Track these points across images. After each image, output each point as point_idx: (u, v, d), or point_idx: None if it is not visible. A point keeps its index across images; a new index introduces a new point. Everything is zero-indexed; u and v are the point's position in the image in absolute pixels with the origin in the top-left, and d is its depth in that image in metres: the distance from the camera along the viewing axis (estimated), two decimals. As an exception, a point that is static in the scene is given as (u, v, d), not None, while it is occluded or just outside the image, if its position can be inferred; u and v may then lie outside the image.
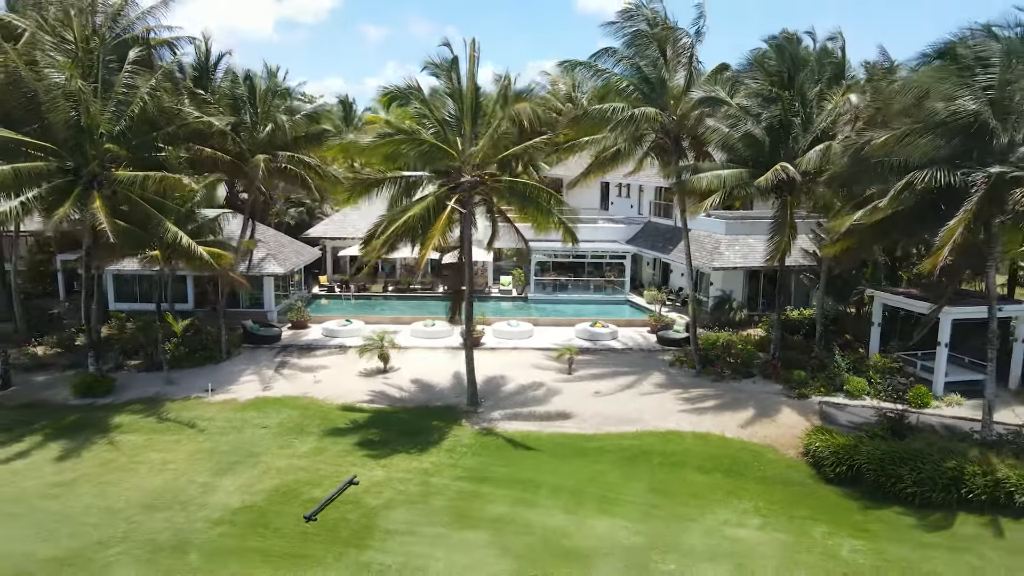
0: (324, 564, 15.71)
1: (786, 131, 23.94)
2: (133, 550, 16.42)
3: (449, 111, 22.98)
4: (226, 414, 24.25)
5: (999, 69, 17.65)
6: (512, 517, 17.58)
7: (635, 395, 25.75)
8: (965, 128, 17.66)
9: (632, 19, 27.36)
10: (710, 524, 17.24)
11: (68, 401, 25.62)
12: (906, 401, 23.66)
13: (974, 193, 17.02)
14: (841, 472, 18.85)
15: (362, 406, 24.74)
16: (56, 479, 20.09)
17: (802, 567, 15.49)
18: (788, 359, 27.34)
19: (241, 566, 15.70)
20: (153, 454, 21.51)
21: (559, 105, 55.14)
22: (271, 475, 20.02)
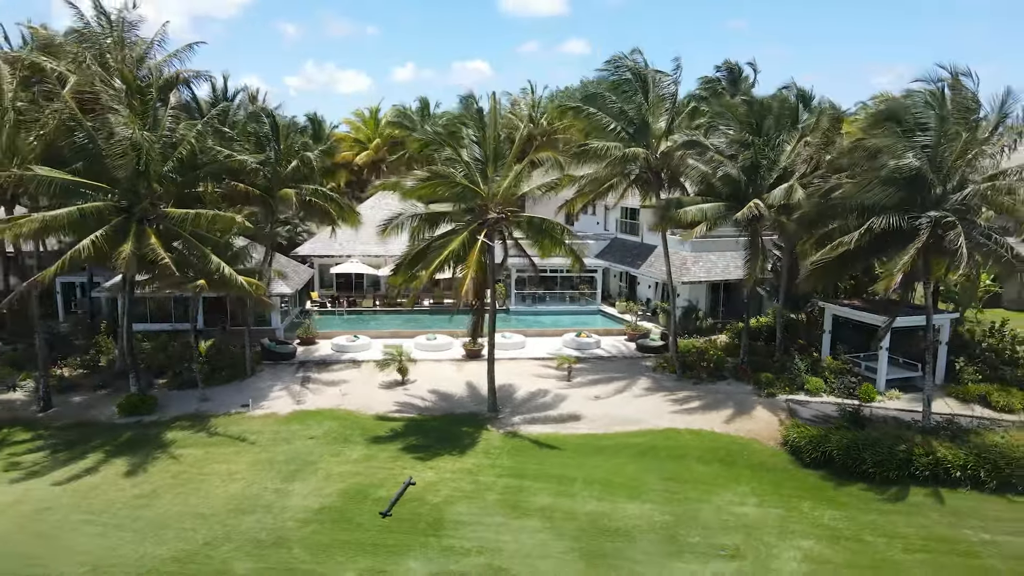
0: (414, 550, 18.79)
1: (756, 171, 28.20)
2: (241, 548, 19.08)
3: (475, 155, 26.17)
4: (271, 427, 26.78)
5: (934, 133, 22.21)
6: (556, 506, 21.05)
7: (630, 398, 29.61)
8: (909, 180, 22.16)
9: (618, 68, 31.30)
10: (718, 504, 21.16)
11: (115, 420, 27.56)
12: (856, 397, 28.29)
13: (921, 233, 21.50)
14: (816, 458, 23.11)
15: (394, 416, 27.69)
16: (137, 491, 22.35)
17: (796, 534, 19.55)
18: (754, 363, 31.74)
19: (344, 556, 18.62)
20: (217, 465, 23.94)
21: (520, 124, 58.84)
22: (334, 480, 22.83)
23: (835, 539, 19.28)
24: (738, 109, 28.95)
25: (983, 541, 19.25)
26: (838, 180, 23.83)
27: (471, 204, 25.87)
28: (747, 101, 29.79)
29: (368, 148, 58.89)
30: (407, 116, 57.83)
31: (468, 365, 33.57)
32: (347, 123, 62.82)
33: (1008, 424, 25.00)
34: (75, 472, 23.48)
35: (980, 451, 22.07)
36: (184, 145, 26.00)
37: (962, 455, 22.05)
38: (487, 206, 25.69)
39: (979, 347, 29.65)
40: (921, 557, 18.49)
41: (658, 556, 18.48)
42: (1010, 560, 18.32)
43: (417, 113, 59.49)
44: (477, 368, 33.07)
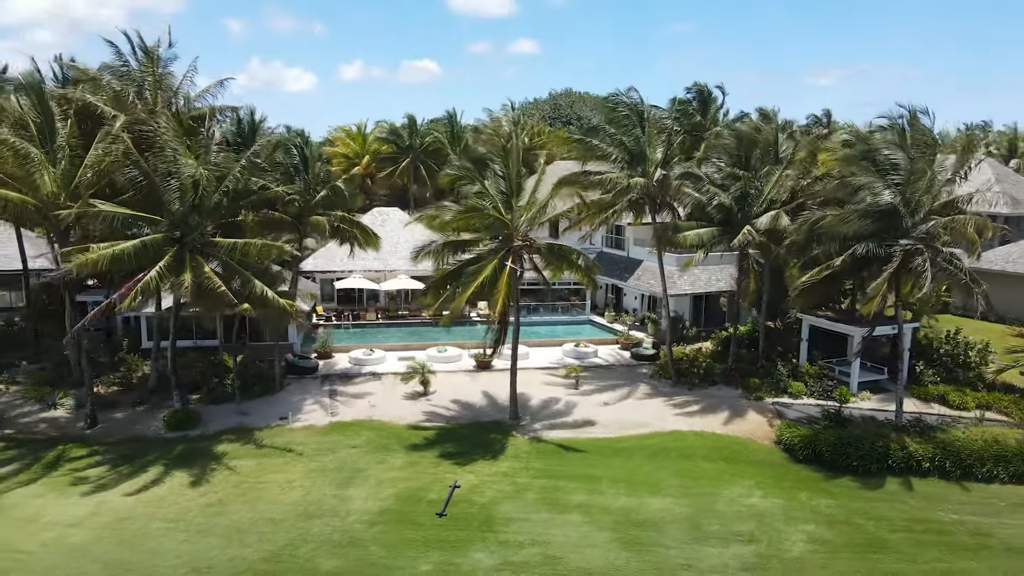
0: (475, 544, 21.51)
1: (745, 199, 31.63)
2: (320, 548, 21.50)
3: (500, 188, 28.91)
4: (314, 438, 29.07)
5: (904, 172, 25.88)
6: (590, 503, 24.00)
7: (634, 403, 32.77)
8: (884, 213, 25.79)
9: (617, 104, 34.51)
10: (729, 497, 24.40)
11: (162, 434, 29.46)
12: (834, 398, 31.96)
13: (894, 260, 25.12)
14: (807, 454, 26.57)
15: (425, 425, 30.25)
16: (205, 500, 24.48)
17: (799, 519, 22.91)
18: (740, 369, 35.25)
19: (414, 552, 21.21)
20: (273, 475, 26.19)
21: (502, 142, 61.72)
22: (386, 485, 25.33)
23: (832, 523, 22.70)
24: (729, 144, 32.31)
25: (952, 521, 22.91)
26: (822, 212, 27.36)
27: (498, 233, 28.63)
28: (736, 135, 33.12)
29: (358, 164, 60.90)
30: (396, 133, 60.10)
31: (481, 376, 36.28)
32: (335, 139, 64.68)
33: (967, 420, 28.94)
34: (142, 484, 25.45)
35: (945, 445, 25.84)
36: (230, 179, 28.12)
37: (930, 449, 25.77)
38: (512, 235, 28.50)
39: (937, 352, 33.67)
40: (904, 536, 22.01)
41: (686, 543, 21.59)
42: (976, 536, 21.98)
43: (405, 129, 61.78)
44: (489, 378, 35.88)
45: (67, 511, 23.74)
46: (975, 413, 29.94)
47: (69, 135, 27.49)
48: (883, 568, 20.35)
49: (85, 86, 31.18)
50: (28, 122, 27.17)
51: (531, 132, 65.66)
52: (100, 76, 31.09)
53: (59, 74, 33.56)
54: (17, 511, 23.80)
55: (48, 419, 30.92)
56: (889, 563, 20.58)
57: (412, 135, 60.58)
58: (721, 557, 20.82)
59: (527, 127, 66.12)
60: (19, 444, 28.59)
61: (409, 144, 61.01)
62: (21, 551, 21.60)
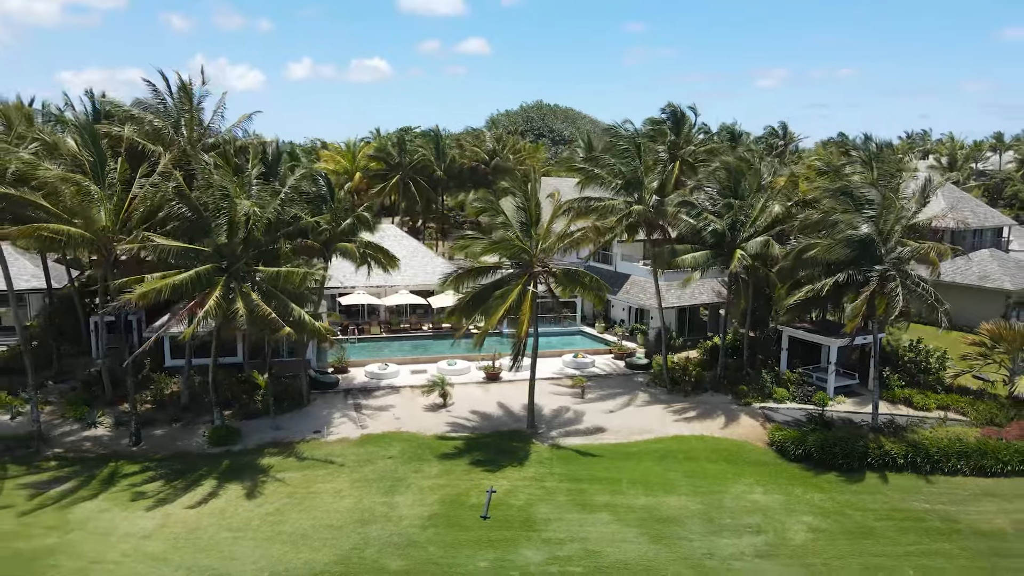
0: (522, 543, 24.32)
1: (735, 225, 35.13)
2: (383, 550, 24.06)
3: (520, 219, 31.77)
4: (350, 450, 31.47)
5: (878, 207, 29.64)
6: (615, 502, 27.05)
7: (636, 410, 35.99)
8: (861, 243, 29.50)
9: (616, 137, 37.74)
10: (734, 493, 27.75)
11: (206, 450, 31.48)
12: (813, 402, 35.70)
13: (871, 284, 28.83)
14: (798, 454, 30.11)
15: (451, 436, 32.90)
16: (264, 510, 26.75)
17: (798, 512, 26.36)
18: (727, 376, 38.80)
19: (470, 551, 23.91)
20: (321, 485, 28.55)
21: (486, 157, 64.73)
22: (427, 492, 27.95)
23: (826, 514, 26.21)
24: (721, 175, 35.77)
25: (925, 509, 26.66)
26: (808, 241, 30.98)
27: (519, 259, 31.50)
28: (727, 168, 36.52)
29: (352, 180, 62.99)
30: (387, 151, 62.40)
31: (492, 387, 39.08)
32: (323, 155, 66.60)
33: (932, 420, 32.94)
34: (200, 497, 27.56)
35: (915, 444, 29.68)
36: (270, 211, 30.35)
37: (903, 447, 29.57)
38: (532, 261, 31.41)
39: (901, 360, 37.74)
40: (887, 523, 25.64)
41: (705, 535, 24.83)
42: (947, 522, 25.74)
43: (395, 147, 64.07)
44: (500, 389, 38.74)
45: (136, 524, 25.76)
46: (937, 414, 33.99)
47: (120, 172, 29.35)
48: (873, 551, 23.89)
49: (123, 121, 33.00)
50: (83, 160, 28.93)
51: (512, 148, 68.58)
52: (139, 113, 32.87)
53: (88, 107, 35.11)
54: (90, 525, 25.72)
55: (91, 437, 32.62)
56: (878, 547, 24.13)
57: (402, 153, 62.87)
58: (737, 546, 24.10)
59: (509, 143, 68.97)
60: (71, 462, 30.32)
61: (399, 162, 63.32)
62: (107, 561, 23.62)
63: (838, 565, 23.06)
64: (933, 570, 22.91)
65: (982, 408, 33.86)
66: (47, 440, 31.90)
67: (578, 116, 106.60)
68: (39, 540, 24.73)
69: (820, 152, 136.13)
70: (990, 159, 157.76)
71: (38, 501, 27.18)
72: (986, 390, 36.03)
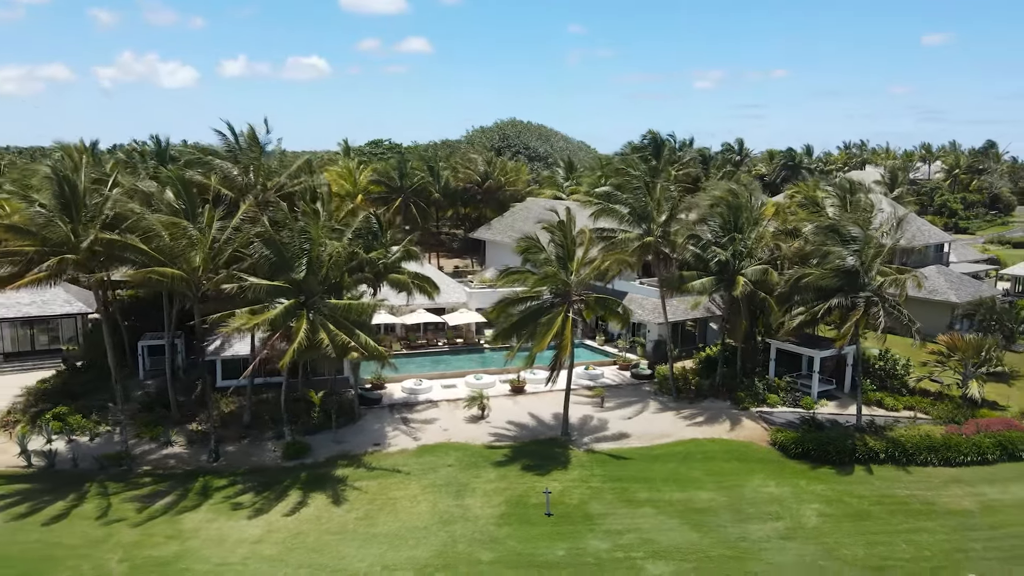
0: (586, 534, 28.91)
1: (736, 254, 40.49)
2: (471, 546, 28.22)
3: (558, 253, 36.36)
4: (411, 460, 35.50)
5: (861, 242, 35.33)
6: (654, 498, 31.92)
7: (651, 417, 41.00)
8: (848, 272, 35.16)
9: (629, 174, 42.72)
10: (752, 487, 32.95)
11: (281, 463, 35.08)
12: (801, 406, 41.33)
13: (858, 308, 34.48)
14: (798, 452, 35.53)
15: (497, 445, 37.25)
16: (353, 515, 30.66)
17: (806, 500, 31.70)
18: (724, 384, 44.19)
19: (546, 543, 28.36)
20: (396, 492, 32.56)
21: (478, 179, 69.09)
22: (491, 495, 32.25)
23: (829, 502, 31.65)
24: (723, 211, 41.07)
25: (907, 495, 32.35)
26: (802, 270, 36.52)
27: (559, 290, 36.11)
28: (729, 204, 41.75)
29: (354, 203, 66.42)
30: (388, 175, 66.19)
31: (520, 399, 43.57)
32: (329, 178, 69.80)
33: (904, 420, 38.93)
34: (292, 506, 31.27)
35: (893, 440, 35.45)
36: (340, 249, 34.22)
37: (883, 444, 35.31)
38: (570, 291, 36.08)
39: (873, 367, 43.79)
40: (879, 507, 31.20)
41: (735, 522, 29.91)
42: (925, 504, 31.45)
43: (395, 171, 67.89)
44: (527, 401, 43.29)
45: (244, 531, 29.38)
46: (906, 414, 40.05)
47: (208, 218, 32.79)
48: (872, 530, 29.37)
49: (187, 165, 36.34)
50: (177, 208, 32.29)
51: (503, 171, 73.09)
52: (206, 159, 36.25)
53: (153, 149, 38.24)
54: (203, 533, 29.23)
55: (171, 455, 35.80)
56: (875, 527, 29.64)
57: (402, 177, 66.70)
58: (763, 531, 29.26)
59: (498, 166, 73.45)
60: (163, 478, 33.59)
61: (400, 185, 67.17)
62: (232, 563, 27.26)
63: (847, 542, 28.41)
64: (921, 544, 28.47)
65: (942, 408, 40.06)
66: (133, 459, 34.98)
67: (551, 133, 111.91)
68: (164, 548, 28.17)
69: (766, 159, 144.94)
70: (920, 169, 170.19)
71: (147, 513, 30.50)
72: (943, 392, 42.33)
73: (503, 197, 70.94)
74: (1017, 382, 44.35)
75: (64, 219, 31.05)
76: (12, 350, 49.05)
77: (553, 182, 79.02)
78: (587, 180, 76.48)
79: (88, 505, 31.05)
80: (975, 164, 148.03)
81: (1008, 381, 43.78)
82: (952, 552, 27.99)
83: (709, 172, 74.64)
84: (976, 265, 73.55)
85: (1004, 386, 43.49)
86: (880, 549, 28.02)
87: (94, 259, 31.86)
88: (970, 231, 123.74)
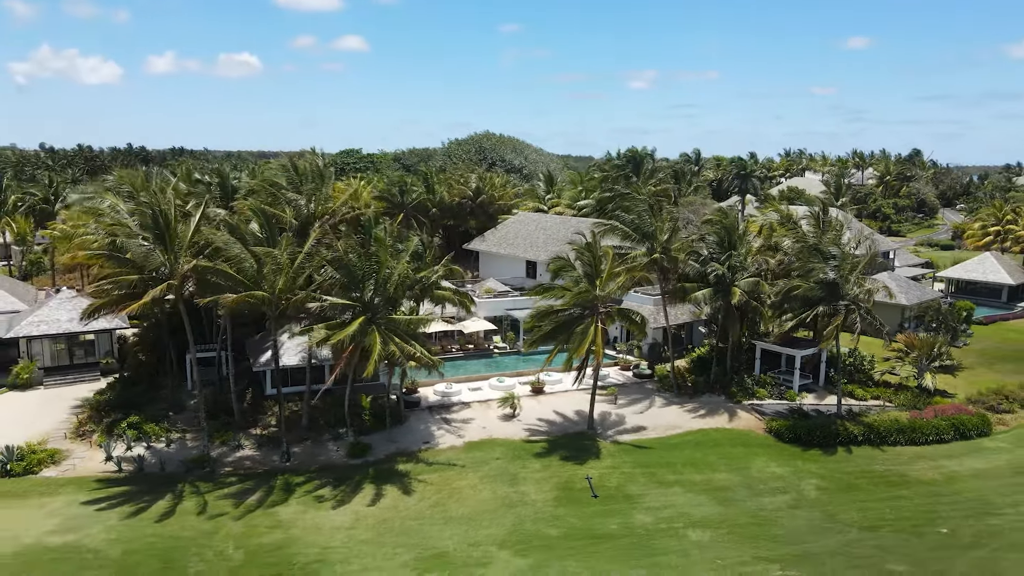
0: (631, 512, 34.33)
1: (732, 269, 46.65)
2: (536, 524, 33.31)
3: (585, 271, 41.73)
4: (462, 455, 40.28)
5: (839, 258, 41.87)
6: (680, 479, 37.60)
7: (659, 411, 46.80)
8: (829, 284, 41.65)
9: (633, 199, 48.46)
10: (757, 467, 38.97)
11: (347, 461, 39.36)
12: (785, 399, 47.78)
13: (839, 314, 40.97)
14: (791, 437, 41.80)
15: (533, 440, 42.34)
16: (425, 504, 35.31)
17: (803, 476, 37.89)
18: (717, 380, 50.36)
19: (600, 519, 33.65)
20: (457, 483, 37.33)
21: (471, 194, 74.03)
22: (542, 482, 37.34)
23: (822, 477, 37.94)
24: (720, 231, 47.19)
25: (884, 470, 38.90)
26: (790, 283, 42.88)
27: (588, 303, 41.51)
28: (724, 225, 47.88)
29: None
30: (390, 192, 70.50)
31: (541, 398, 48.77)
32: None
33: (875, 408, 45.76)
34: (369, 498, 35.70)
35: (869, 425, 42.10)
36: (408, 271, 38.83)
37: (860, 429, 41.91)
38: (597, 304, 41.53)
39: (844, 363, 50.68)
40: (863, 480, 37.63)
41: (751, 497, 35.84)
42: (900, 477, 38.01)
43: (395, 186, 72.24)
44: (549, 400, 48.55)
45: (335, 520, 33.73)
46: (873, 403, 46.94)
47: (285, 245, 36.93)
48: (861, 499, 35.72)
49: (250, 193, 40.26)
50: (260, 237, 36.33)
51: (492, 187, 78.15)
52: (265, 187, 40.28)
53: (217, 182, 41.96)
54: (299, 523, 33.45)
55: (245, 457, 39.68)
56: (863, 496, 36.01)
57: (403, 194, 70.97)
58: (775, 503, 35.27)
59: (488, 182, 78.49)
60: (245, 477, 37.53)
61: (401, 201, 71.45)
62: (335, 547, 31.61)
63: (843, 509, 34.67)
64: (901, 508, 34.92)
65: (904, 397, 47.12)
66: (213, 461, 38.75)
67: (525, 146, 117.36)
68: (269, 536, 32.34)
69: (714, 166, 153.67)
70: (855, 175, 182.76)
71: (243, 508, 34.50)
72: (903, 383, 49.49)
73: (492, 210, 75.95)
74: (961, 373, 52.02)
75: (161, 249, 34.75)
76: (52, 364, 51.58)
77: (535, 194, 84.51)
78: (568, 193, 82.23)
79: (188, 503, 34.83)
80: (904, 171, 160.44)
81: (954, 373, 51.35)
82: (926, 513, 34.53)
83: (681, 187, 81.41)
84: (915, 269, 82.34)
85: (951, 377, 51.02)
86: (870, 513, 34.35)
87: (184, 284, 35.60)
88: (902, 234, 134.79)
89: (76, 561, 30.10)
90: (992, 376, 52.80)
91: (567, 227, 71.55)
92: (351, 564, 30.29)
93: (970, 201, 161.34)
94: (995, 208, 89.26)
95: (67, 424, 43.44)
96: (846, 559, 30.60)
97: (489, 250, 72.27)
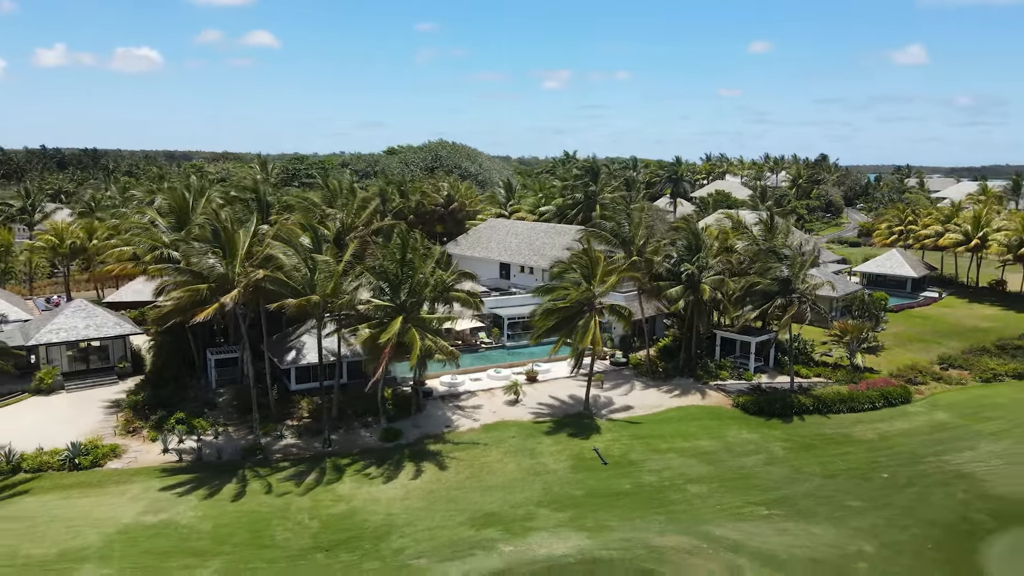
0: (637, 473, 41.00)
1: (700, 268, 54.15)
2: (563, 488, 39.53)
3: (583, 272, 48.22)
4: (482, 435, 46.05)
5: (791, 258, 49.97)
6: (672, 447, 44.60)
7: (641, 393, 53.85)
8: (783, 280, 49.69)
9: (616, 209, 55.36)
10: (732, 435, 46.44)
11: (382, 445, 44.48)
12: (744, 379, 55.73)
13: (792, 306, 49.00)
14: (755, 410, 49.57)
15: (540, 421, 48.55)
16: (463, 476, 40.95)
17: (770, 440, 45.61)
18: (686, 365, 57.88)
19: (615, 481, 40.17)
20: (484, 459, 43.12)
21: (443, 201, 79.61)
22: (556, 455, 43.58)
23: (785, 440, 45.75)
24: (689, 236, 54.61)
25: (832, 433, 47.07)
26: (751, 279, 50.67)
27: (587, 301, 48.04)
28: (693, 231, 55.27)
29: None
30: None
31: (537, 386, 54.98)
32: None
33: (820, 383, 54.23)
34: (411, 474, 41.05)
35: (817, 397, 50.39)
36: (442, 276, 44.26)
37: (811, 400, 50.14)
38: (593, 300, 48.13)
39: (790, 346, 59.19)
40: (817, 441, 45.66)
41: (733, 458, 43.21)
42: (846, 438, 46.25)
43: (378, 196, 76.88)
44: (543, 387, 54.83)
45: (387, 493, 38.98)
46: (818, 380, 55.47)
47: (331, 255, 41.80)
48: (819, 455, 43.65)
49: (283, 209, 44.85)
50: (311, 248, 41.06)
51: (461, 194, 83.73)
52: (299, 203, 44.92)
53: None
54: (358, 496, 38.53)
55: (290, 445, 44.20)
56: (820, 453, 43.98)
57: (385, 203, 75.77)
58: (752, 462, 42.74)
59: (459, 190, 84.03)
60: (296, 462, 42.16)
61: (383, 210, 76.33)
62: (395, 513, 36.91)
63: (807, 464, 42.50)
64: (850, 460, 43.02)
65: (840, 374, 55.90)
66: (263, 449, 43.14)
67: (478, 154, 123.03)
68: (335, 508, 37.34)
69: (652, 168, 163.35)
70: (770, 178, 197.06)
71: (304, 486, 39.29)
72: (838, 363, 58.37)
73: (461, 216, 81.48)
74: (883, 352, 61.45)
75: (224, 261, 39.03)
76: (70, 370, 54.12)
77: (495, 201, 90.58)
78: (529, 200, 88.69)
79: (254, 484, 39.31)
80: (814, 175, 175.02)
81: (877, 353, 60.67)
82: (870, 464, 42.77)
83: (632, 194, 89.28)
84: (833, 265, 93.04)
85: (875, 357, 60.35)
86: (828, 466, 42.31)
87: (246, 291, 39.97)
88: (815, 232, 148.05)
89: (175, 535, 34.36)
90: (907, 355, 62.60)
91: (535, 232, 78.18)
92: (416, 526, 35.72)
93: (869, 201, 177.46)
94: (899, 210, 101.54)
95: (105, 423, 46.60)
96: (815, 500, 38.30)
97: (463, 253, 77.88)
